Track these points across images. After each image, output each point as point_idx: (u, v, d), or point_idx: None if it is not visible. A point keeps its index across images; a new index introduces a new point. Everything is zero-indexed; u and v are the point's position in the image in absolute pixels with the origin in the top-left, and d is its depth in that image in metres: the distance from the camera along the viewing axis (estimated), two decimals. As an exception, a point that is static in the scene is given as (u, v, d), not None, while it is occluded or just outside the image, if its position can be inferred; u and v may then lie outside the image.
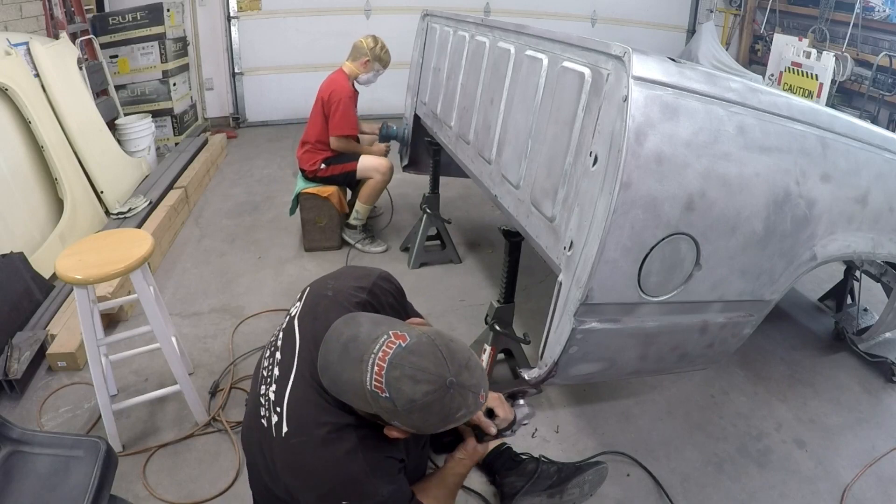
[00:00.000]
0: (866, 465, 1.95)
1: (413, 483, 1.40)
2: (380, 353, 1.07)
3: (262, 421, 1.24)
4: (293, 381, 1.22)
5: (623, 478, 1.88)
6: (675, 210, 1.36)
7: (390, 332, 1.10)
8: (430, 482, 1.48)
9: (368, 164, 3.26)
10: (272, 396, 1.24)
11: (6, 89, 2.90)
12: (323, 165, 3.25)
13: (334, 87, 3.18)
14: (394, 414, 1.08)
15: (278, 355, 1.29)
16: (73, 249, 1.82)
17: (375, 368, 1.06)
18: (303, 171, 3.33)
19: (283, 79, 5.87)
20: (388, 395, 1.05)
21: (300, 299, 1.37)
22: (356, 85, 3.33)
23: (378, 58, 3.25)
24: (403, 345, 1.07)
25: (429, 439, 1.62)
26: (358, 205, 3.33)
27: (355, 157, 3.28)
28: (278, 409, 1.20)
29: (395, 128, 3.44)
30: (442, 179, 3.22)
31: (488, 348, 2.15)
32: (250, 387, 1.41)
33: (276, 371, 1.26)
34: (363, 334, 1.11)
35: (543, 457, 1.82)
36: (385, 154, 3.42)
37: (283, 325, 1.34)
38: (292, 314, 1.34)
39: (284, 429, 1.18)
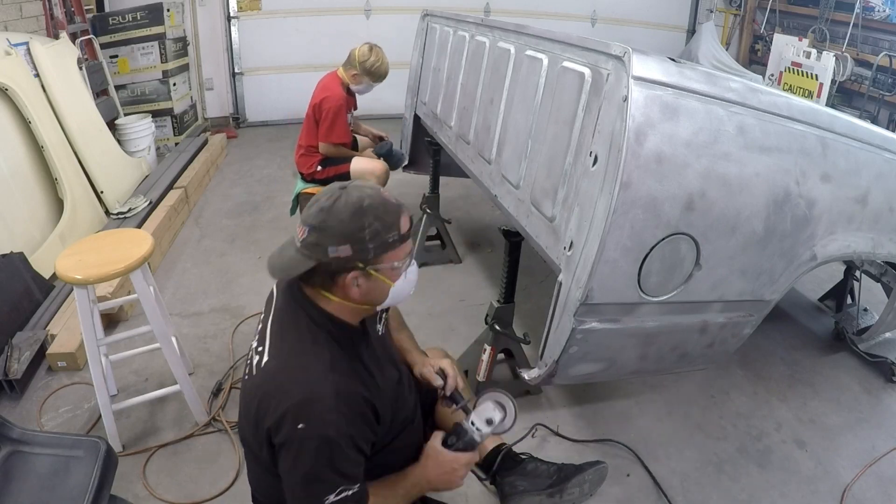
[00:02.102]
0: (866, 465, 1.95)
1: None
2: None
3: (245, 377, 1.25)
4: (272, 318, 1.25)
5: (623, 478, 1.88)
6: (675, 210, 1.36)
7: None
8: (387, 479, 1.33)
9: (362, 166, 3.25)
10: (255, 344, 1.25)
11: (6, 89, 2.90)
12: (319, 168, 3.25)
13: (326, 93, 3.12)
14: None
15: (262, 316, 1.32)
16: (73, 249, 1.82)
17: None
18: (301, 173, 3.32)
19: (283, 79, 5.86)
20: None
21: None
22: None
23: (368, 72, 3.12)
24: None
25: (419, 416, 1.48)
26: None
27: (348, 159, 3.28)
28: (260, 349, 1.22)
29: (391, 147, 3.35)
30: (442, 179, 3.22)
31: (488, 348, 2.15)
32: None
33: (260, 326, 1.29)
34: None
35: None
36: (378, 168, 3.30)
37: (267, 297, 1.37)
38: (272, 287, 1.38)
39: (264, 360, 1.19)
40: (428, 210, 3.16)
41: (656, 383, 2.31)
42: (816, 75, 4.97)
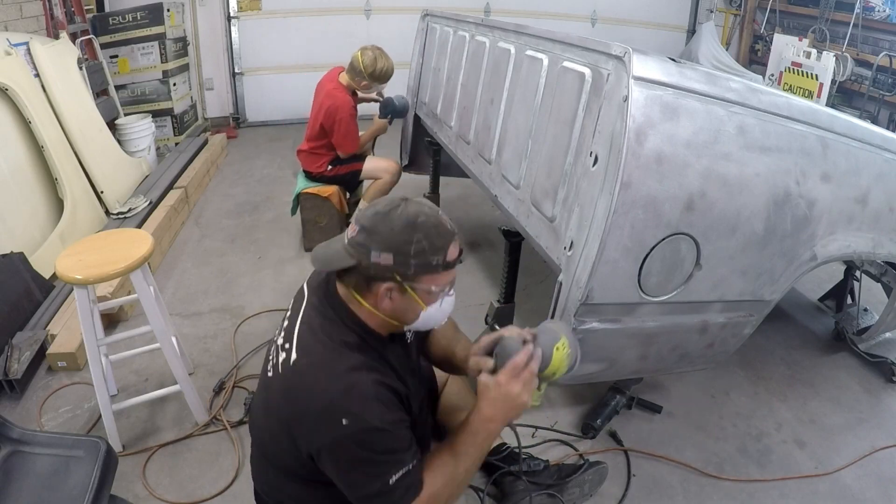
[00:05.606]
0: (866, 465, 1.95)
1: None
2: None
3: (268, 374, 1.24)
4: (301, 317, 1.24)
5: (623, 478, 1.88)
6: (675, 210, 1.36)
7: None
8: (446, 444, 1.28)
9: (375, 165, 3.26)
10: (280, 341, 1.24)
11: (6, 89, 2.90)
12: (329, 167, 3.23)
13: (335, 101, 3.02)
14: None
15: (288, 313, 1.31)
16: (73, 249, 1.82)
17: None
18: (307, 171, 3.29)
19: (283, 79, 5.87)
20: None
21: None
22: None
23: (377, 78, 3.05)
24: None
25: (426, 406, 1.51)
26: (362, 204, 3.33)
27: (361, 157, 3.28)
28: (287, 346, 1.21)
29: (395, 102, 3.20)
30: (442, 179, 3.22)
31: (488, 348, 2.15)
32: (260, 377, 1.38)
33: (286, 323, 1.28)
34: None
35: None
36: (385, 129, 3.28)
37: (295, 294, 1.37)
38: (302, 285, 1.37)
39: (293, 358, 1.18)
40: (428, 210, 3.15)
41: (656, 383, 2.31)
42: (816, 75, 4.97)
